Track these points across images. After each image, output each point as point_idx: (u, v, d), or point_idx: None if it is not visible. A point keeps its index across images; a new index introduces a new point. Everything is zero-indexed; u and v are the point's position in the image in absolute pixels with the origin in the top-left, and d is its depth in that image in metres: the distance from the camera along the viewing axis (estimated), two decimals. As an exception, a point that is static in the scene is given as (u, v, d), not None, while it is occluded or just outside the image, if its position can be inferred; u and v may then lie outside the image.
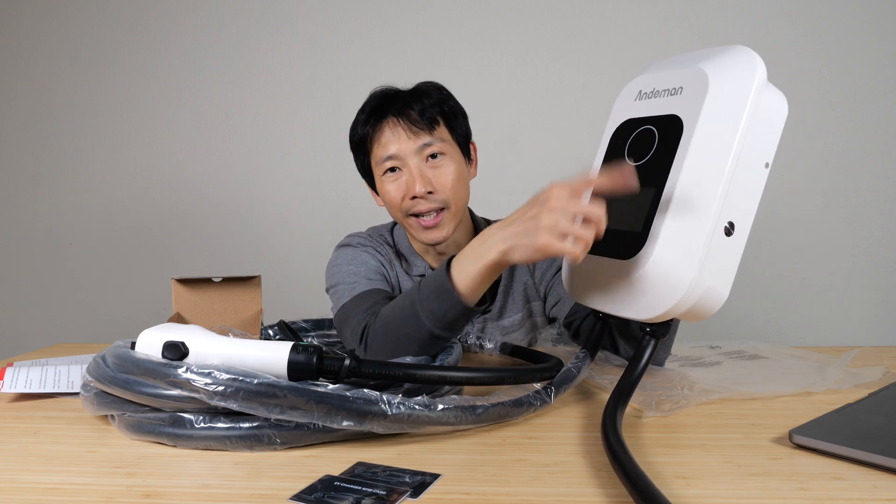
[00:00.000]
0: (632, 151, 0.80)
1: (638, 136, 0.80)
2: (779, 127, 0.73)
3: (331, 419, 0.64)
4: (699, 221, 0.69)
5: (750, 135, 0.70)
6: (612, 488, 0.57)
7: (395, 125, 1.09)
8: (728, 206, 0.70)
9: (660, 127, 0.77)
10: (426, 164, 1.09)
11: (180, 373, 0.65)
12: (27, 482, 0.61)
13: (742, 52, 0.73)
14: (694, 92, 0.73)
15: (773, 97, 0.73)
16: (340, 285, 1.09)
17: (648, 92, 0.81)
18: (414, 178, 1.07)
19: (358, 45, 2.17)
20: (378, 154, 1.10)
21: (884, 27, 2.00)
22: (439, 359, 0.85)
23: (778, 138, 0.73)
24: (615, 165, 0.78)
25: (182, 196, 2.27)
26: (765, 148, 0.72)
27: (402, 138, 1.08)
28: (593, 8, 2.09)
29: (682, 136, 0.72)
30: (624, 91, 0.86)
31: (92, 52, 2.26)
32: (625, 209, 0.78)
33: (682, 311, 0.71)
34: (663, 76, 0.79)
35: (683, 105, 0.74)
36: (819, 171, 2.03)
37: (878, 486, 0.56)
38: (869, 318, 2.06)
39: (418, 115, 1.08)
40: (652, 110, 0.79)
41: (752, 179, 0.72)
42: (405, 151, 1.08)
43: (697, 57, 0.77)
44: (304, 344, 0.70)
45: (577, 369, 0.82)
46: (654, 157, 0.76)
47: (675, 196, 0.70)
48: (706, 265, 0.69)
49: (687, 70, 0.75)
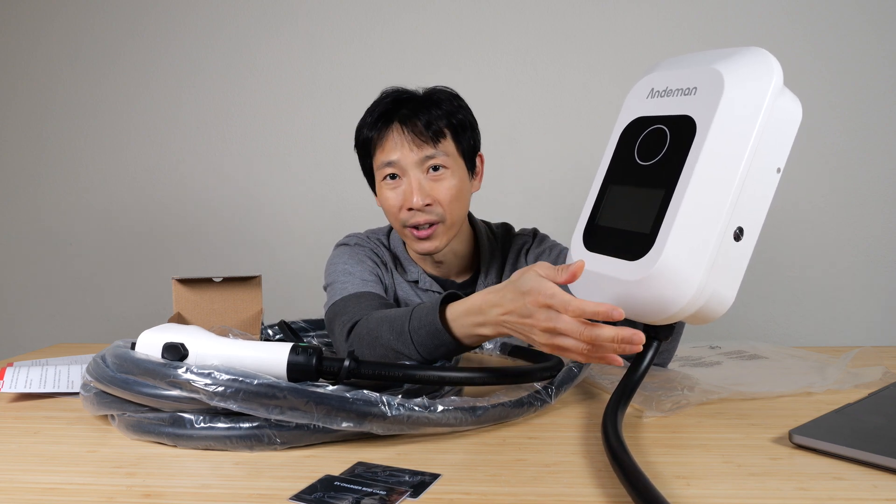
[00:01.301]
0: (642, 151, 0.79)
1: (649, 136, 0.79)
2: (792, 132, 0.72)
3: (330, 420, 0.64)
4: (709, 225, 0.69)
5: (764, 139, 0.69)
6: (612, 488, 0.57)
7: (399, 133, 1.06)
8: (738, 211, 0.69)
9: (672, 127, 0.76)
10: (426, 175, 1.07)
11: (180, 373, 0.65)
12: (27, 482, 0.61)
13: (759, 55, 0.72)
14: (708, 93, 0.72)
15: (789, 102, 0.72)
16: (335, 284, 1.09)
17: (661, 90, 0.79)
18: (412, 190, 1.05)
19: (358, 45, 2.17)
20: (380, 159, 1.09)
21: (884, 27, 1.99)
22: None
23: (791, 143, 0.72)
24: (570, 266, 0.75)
25: (182, 196, 2.27)
26: (777, 153, 0.71)
27: (405, 148, 1.06)
28: (593, 8, 2.08)
29: (695, 139, 0.71)
30: (636, 87, 0.84)
31: (92, 52, 2.26)
32: (633, 209, 0.77)
33: (687, 314, 0.70)
34: (677, 75, 0.78)
35: (697, 106, 0.73)
36: (819, 171, 2.03)
37: (878, 486, 0.56)
38: (869, 318, 2.05)
39: (424, 126, 1.05)
40: (664, 109, 0.78)
41: (764, 185, 0.71)
42: (407, 161, 1.06)
43: (713, 57, 0.75)
44: (304, 345, 0.70)
45: (578, 369, 0.82)
46: (664, 157, 0.75)
47: (685, 199, 0.69)
48: (713, 269, 0.69)
49: (702, 70, 0.74)
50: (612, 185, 0.83)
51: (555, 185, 2.10)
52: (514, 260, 1.19)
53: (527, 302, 0.72)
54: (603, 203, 0.83)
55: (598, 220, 0.82)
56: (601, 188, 0.83)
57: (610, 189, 0.83)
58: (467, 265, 1.19)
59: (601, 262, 0.78)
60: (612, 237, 0.76)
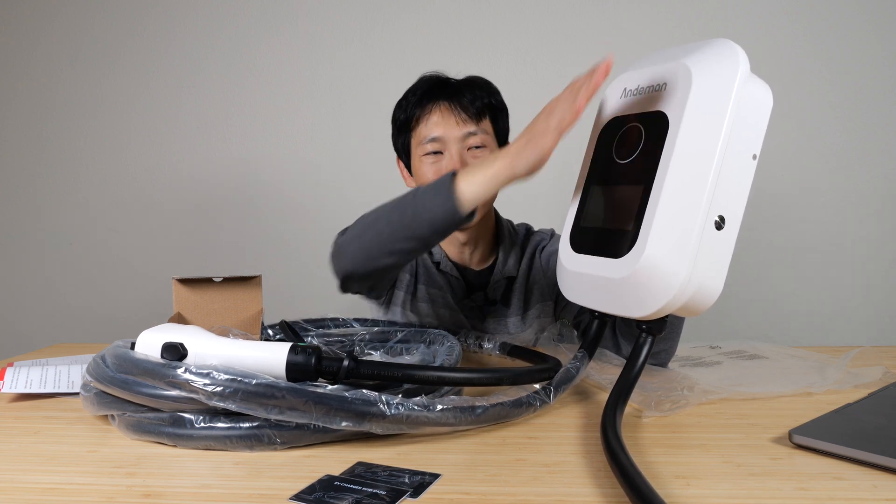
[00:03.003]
0: (619, 149, 0.80)
1: (624, 134, 0.80)
2: (765, 117, 0.73)
3: (329, 420, 0.64)
4: (689, 217, 0.69)
5: (736, 127, 0.70)
6: (611, 488, 0.57)
7: (445, 109, 1.12)
8: (717, 200, 0.70)
9: (646, 124, 0.77)
10: (468, 153, 1.12)
11: (179, 373, 0.65)
12: (27, 482, 0.61)
13: (724, 46, 0.73)
14: (678, 88, 0.73)
15: (758, 89, 0.72)
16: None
17: (633, 89, 0.81)
18: (454, 164, 1.10)
19: (358, 45, 2.17)
20: (422, 134, 1.13)
21: (884, 27, 1.99)
22: (439, 359, 0.85)
23: (764, 129, 0.73)
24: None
25: (182, 196, 2.27)
26: (751, 139, 0.72)
27: (451, 123, 1.11)
28: (593, 8, 2.08)
29: (668, 133, 0.72)
30: (609, 89, 0.86)
31: (92, 52, 2.26)
32: (615, 208, 0.78)
33: (676, 307, 0.71)
34: (647, 73, 0.80)
35: (668, 101, 0.74)
36: (819, 171, 2.03)
37: (878, 486, 0.56)
38: (869, 318, 2.05)
39: (469, 103, 1.11)
40: (637, 107, 0.79)
41: (741, 172, 0.71)
42: (450, 137, 1.11)
43: (681, 52, 0.77)
44: (303, 344, 0.70)
45: (576, 369, 0.82)
46: (641, 154, 0.76)
47: (663, 193, 0.70)
48: (698, 260, 0.69)
49: (670, 66, 0.76)
50: (593, 185, 0.84)
51: (555, 184, 2.10)
52: (530, 255, 1.24)
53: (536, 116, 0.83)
54: (587, 204, 0.84)
55: (582, 222, 0.83)
56: (584, 190, 0.85)
57: (592, 190, 0.84)
58: (488, 253, 1.23)
59: (589, 262, 0.79)
60: (598, 237, 0.77)
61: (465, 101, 1.12)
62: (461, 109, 1.12)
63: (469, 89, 1.14)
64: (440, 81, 1.16)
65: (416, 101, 1.15)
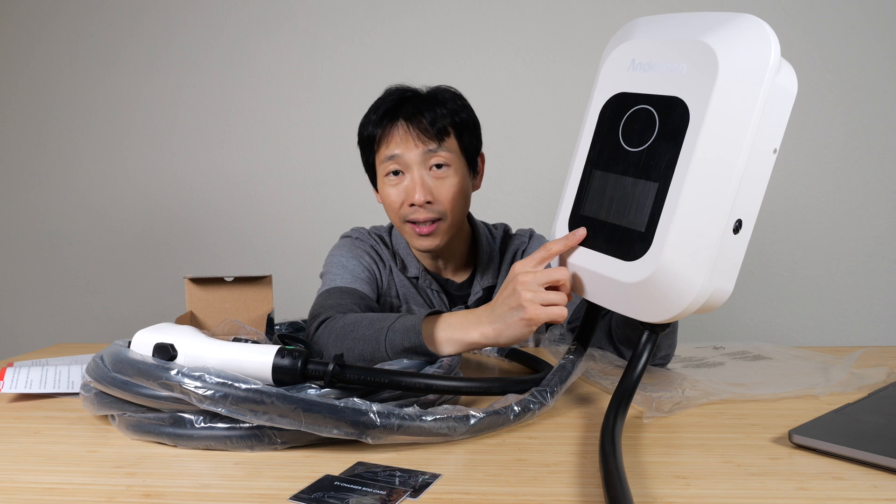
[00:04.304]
0: (627, 133, 0.72)
1: (634, 116, 0.72)
2: (789, 107, 0.66)
3: (318, 428, 0.64)
4: (710, 223, 0.64)
5: (763, 122, 0.63)
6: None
7: (405, 129, 1.07)
8: (738, 203, 0.64)
9: (660, 109, 0.69)
10: (429, 173, 1.07)
11: (172, 374, 0.65)
12: (27, 482, 0.61)
13: (753, 26, 0.64)
14: (700, 74, 0.65)
15: (786, 77, 0.65)
16: (328, 274, 1.14)
17: (644, 63, 0.71)
18: (415, 186, 1.06)
19: (358, 45, 2.17)
20: (383, 153, 1.09)
21: (884, 27, 1.99)
22: (439, 361, 0.85)
23: (787, 120, 0.66)
24: (571, 233, 0.77)
25: (182, 196, 2.27)
26: (774, 133, 0.65)
27: (410, 144, 1.06)
28: (593, 8, 2.08)
29: (689, 126, 0.65)
30: (614, 54, 0.75)
31: (92, 52, 2.26)
32: (623, 202, 0.71)
33: (689, 313, 0.68)
34: (661, 46, 0.70)
35: (688, 88, 0.66)
36: (820, 171, 2.03)
37: (878, 486, 0.56)
38: (871, 318, 2.05)
39: (429, 123, 1.06)
40: (649, 87, 0.70)
41: (761, 169, 0.65)
42: (410, 158, 1.07)
43: (700, 25, 0.68)
44: (291, 347, 0.70)
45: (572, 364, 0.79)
46: (654, 144, 0.68)
47: (682, 198, 0.64)
48: (715, 266, 0.65)
49: (690, 44, 0.67)
50: (596, 170, 0.76)
51: (555, 184, 2.10)
52: (510, 260, 1.20)
53: (502, 288, 0.83)
54: (588, 191, 0.76)
55: (583, 210, 0.77)
56: (584, 172, 0.77)
57: (594, 175, 0.76)
58: (465, 264, 1.20)
59: (593, 258, 0.74)
60: (603, 231, 0.72)
61: (425, 120, 1.06)
62: (421, 130, 1.06)
63: (431, 107, 1.07)
64: (402, 99, 1.09)
65: (377, 120, 1.09)
